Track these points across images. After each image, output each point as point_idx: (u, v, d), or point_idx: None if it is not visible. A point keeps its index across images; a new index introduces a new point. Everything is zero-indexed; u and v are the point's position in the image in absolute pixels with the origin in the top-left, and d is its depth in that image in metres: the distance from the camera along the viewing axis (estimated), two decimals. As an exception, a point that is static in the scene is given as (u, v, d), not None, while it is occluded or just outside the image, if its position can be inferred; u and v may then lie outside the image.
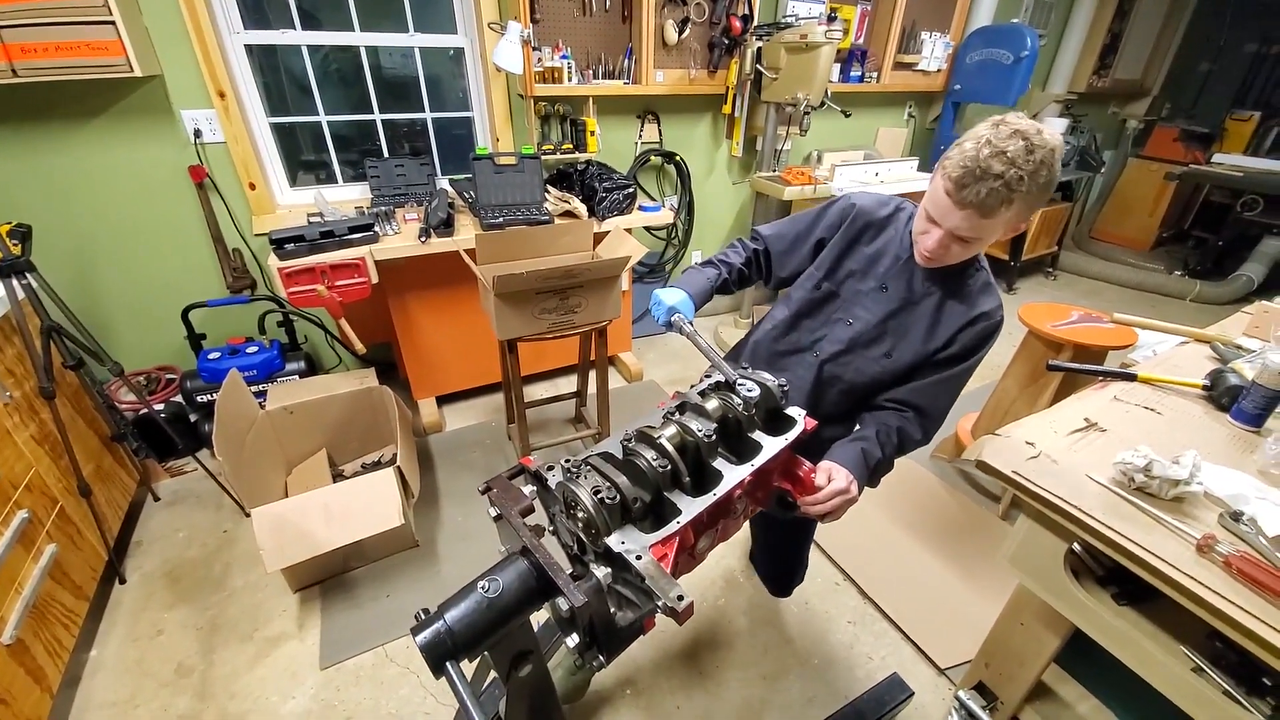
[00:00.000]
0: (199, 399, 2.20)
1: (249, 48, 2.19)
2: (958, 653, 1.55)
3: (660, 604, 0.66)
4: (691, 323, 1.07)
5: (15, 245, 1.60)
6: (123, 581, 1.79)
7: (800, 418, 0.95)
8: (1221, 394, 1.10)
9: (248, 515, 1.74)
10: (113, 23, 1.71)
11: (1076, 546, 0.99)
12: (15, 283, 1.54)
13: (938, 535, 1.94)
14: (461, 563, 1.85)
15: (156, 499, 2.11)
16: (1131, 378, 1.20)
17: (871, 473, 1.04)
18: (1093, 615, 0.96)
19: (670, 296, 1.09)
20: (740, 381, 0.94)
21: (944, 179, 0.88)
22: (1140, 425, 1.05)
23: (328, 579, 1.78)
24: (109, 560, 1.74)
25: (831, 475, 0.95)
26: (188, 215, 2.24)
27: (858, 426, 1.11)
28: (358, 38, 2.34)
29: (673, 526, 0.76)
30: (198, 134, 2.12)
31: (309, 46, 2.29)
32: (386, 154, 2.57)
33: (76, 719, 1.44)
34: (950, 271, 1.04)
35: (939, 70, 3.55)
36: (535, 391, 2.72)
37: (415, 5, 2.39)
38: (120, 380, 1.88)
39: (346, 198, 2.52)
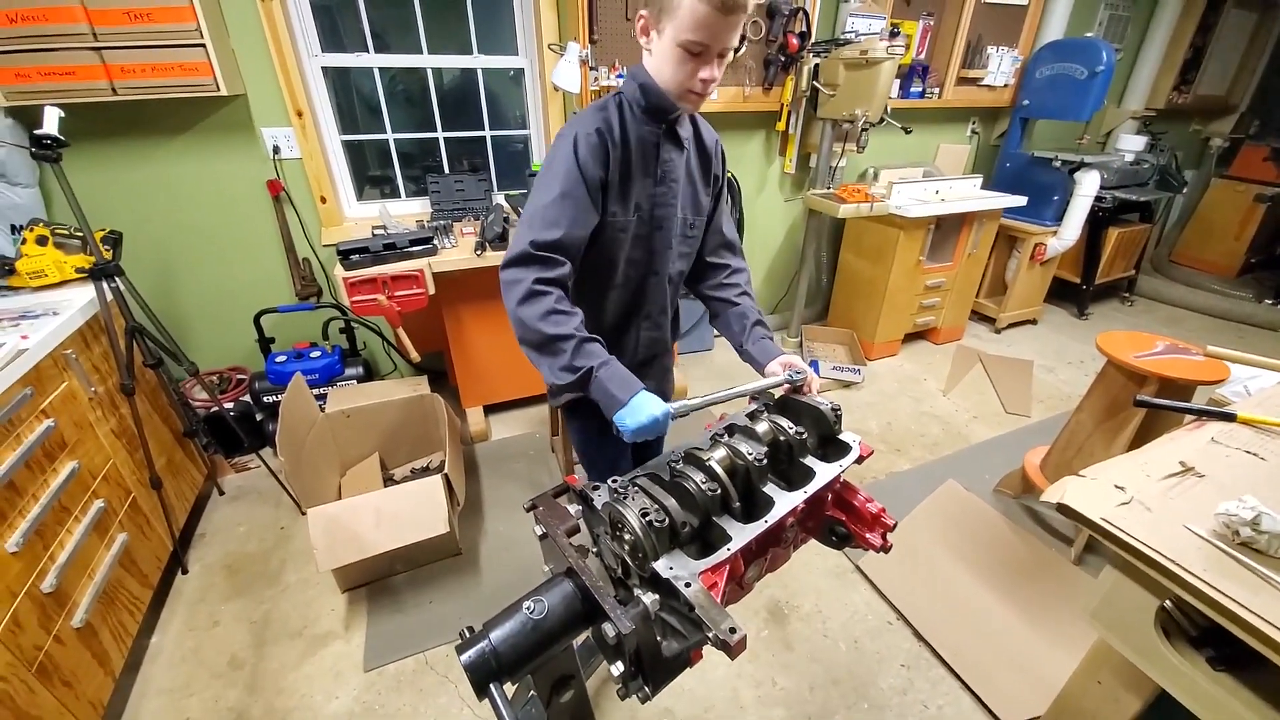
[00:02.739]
0: (265, 399, 2.30)
1: (325, 70, 2.31)
2: (1023, 707, 1.44)
3: (711, 635, 0.64)
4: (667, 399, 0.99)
5: (107, 250, 1.73)
6: (185, 572, 1.88)
7: (855, 444, 0.91)
8: (1339, 440, 0.99)
9: (304, 514, 1.79)
10: (203, 46, 1.83)
11: (1167, 602, 0.90)
12: (105, 285, 1.65)
13: (1002, 576, 1.82)
14: (502, 573, 1.86)
15: (221, 493, 2.22)
16: (1230, 418, 1.09)
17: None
18: (1185, 680, 0.87)
19: (648, 406, 0.88)
20: (797, 370, 0.98)
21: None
22: (1243, 472, 0.95)
23: (374, 581, 1.82)
24: (174, 551, 1.83)
25: (795, 364, 1.04)
26: (263, 226, 2.37)
27: (729, 305, 1.21)
28: (425, 60, 2.44)
29: (723, 553, 0.73)
30: (276, 150, 2.25)
31: (379, 68, 2.40)
32: (447, 170, 2.66)
33: (135, 703, 1.50)
34: (676, 119, 1.06)
35: (1006, 85, 3.42)
36: (580, 405, 2.72)
37: (480, 28, 2.47)
38: (194, 379, 1.99)
39: (408, 211, 2.62)
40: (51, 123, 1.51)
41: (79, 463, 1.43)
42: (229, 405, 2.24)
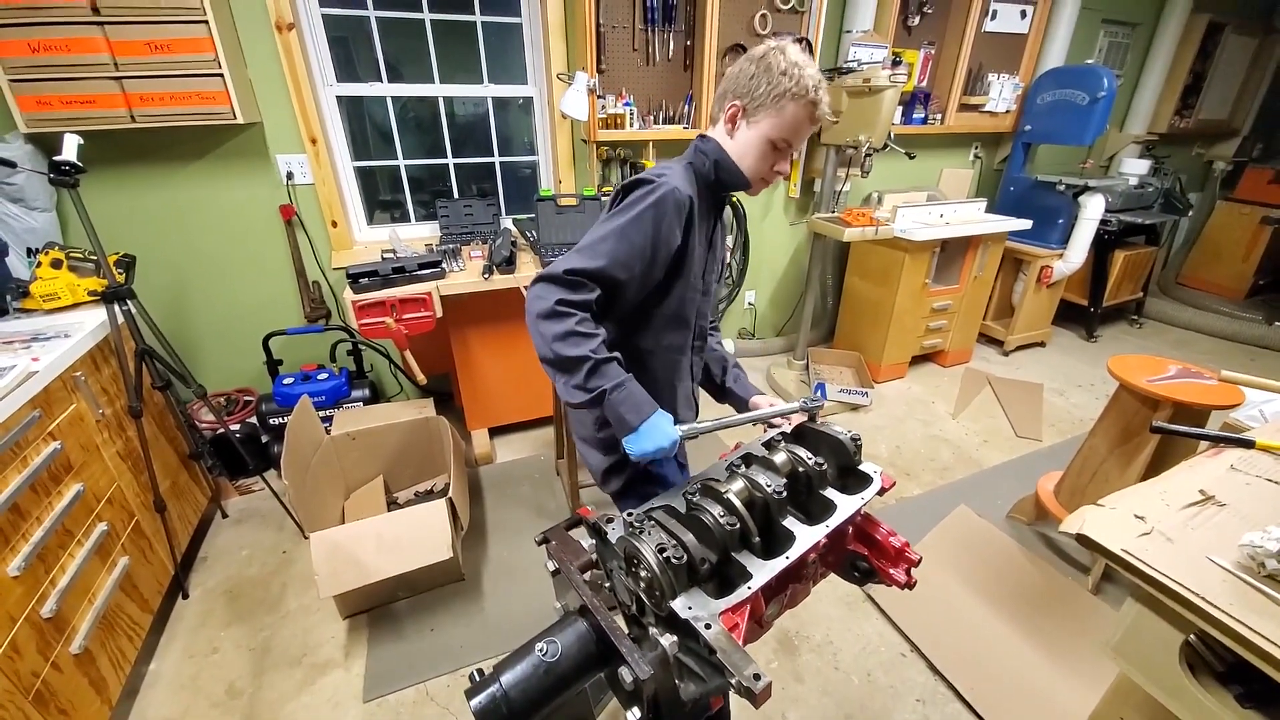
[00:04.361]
0: (272, 421, 2.30)
1: (339, 98, 2.37)
2: (1042, 743, 1.39)
3: (734, 682, 0.60)
4: (677, 422, 0.93)
5: (120, 274, 1.75)
6: (185, 596, 1.86)
7: (876, 475, 0.88)
8: (1363, 468, 0.97)
9: (306, 538, 1.78)
10: (221, 75, 1.88)
11: (1192, 637, 0.87)
12: (117, 308, 1.66)
13: (1017, 606, 1.77)
14: (505, 600, 1.83)
15: (225, 516, 2.20)
16: (1249, 444, 1.07)
17: None
18: (1212, 717, 0.84)
19: (657, 433, 0.90)
20: (814, 399, 0.95)
21: (805, 107, 0.95)
22: (1265, 500, 0.93)
23: (375, 608, 1.79)
24: (175, 575, 1.81)
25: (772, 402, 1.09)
26: (275, 250, 2.40)
27: (710, 350, 1.25)
28: (437, 89, 2.50)
29: (744, 592, 0.70)
30: (290, 176, 2.29)
31: (392, 97, 2.46)
32: (456, 195, 2.69)
33: (132, 733, 1.47)
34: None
35: (1007, 111, 3.46)
36: (585, 427, 2.71)
37: (490, 58, 2.53)
38: (202, 401, 1.99)
39: (418, 235, 2.65)
40: (71, 150, 1.54)
41: (84, 485, 1.43)
42: (235, 427, 2.24)
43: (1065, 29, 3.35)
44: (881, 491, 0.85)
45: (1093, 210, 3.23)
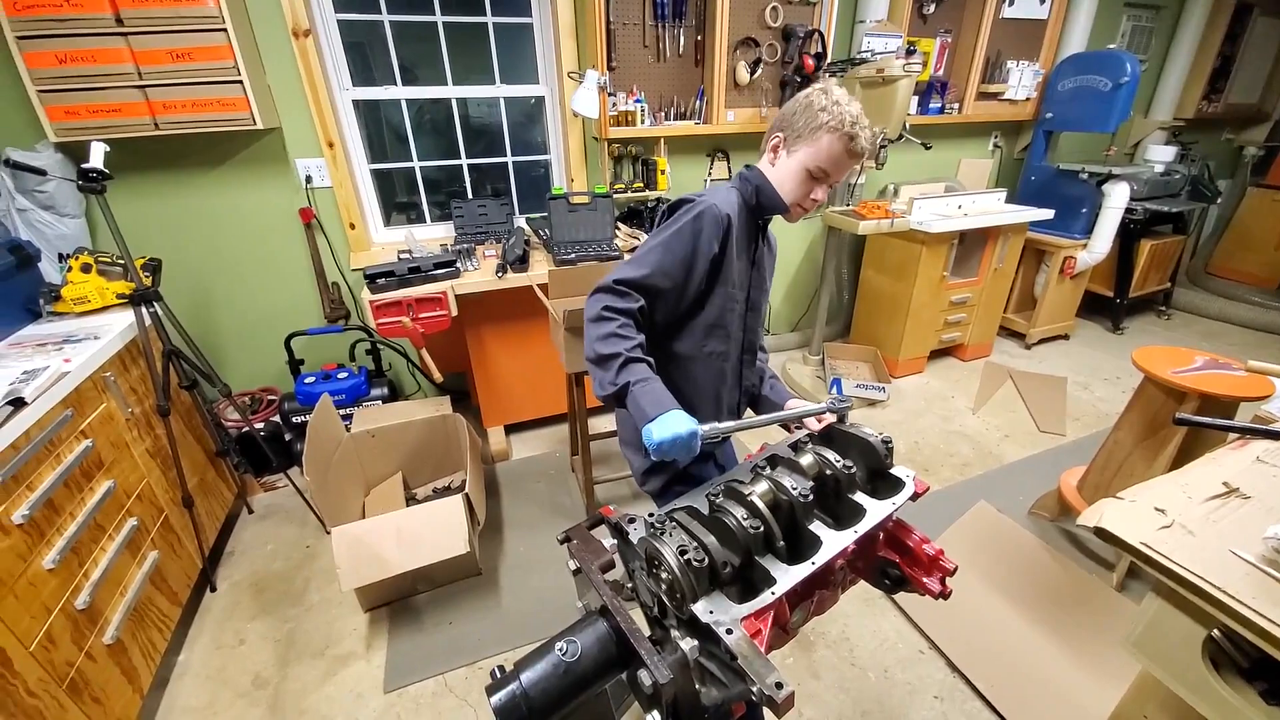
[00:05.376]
0: (294, 420, 2.36)
1: (356, 102, 2.40)
2: (1064, 741, 1.37)
3: (755, 690, 0.59)
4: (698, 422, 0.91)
5: (147, 277, 1.80)
6: (213, 589, 1.91)
7: (909, 479, 0.85)
8: (1398, 460, 0.94)
9: (328, 533, 1.82)
10: (240, 82, 1.92)
11: (1215, 632, 0.85)
12: (144, 310, 1.71)
13: (1039, 603, 1.75)
14: (521, 594, 1.85)
15: (250, 511, 2.26)
16: (1276, 436, 1.04)
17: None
18: (1237, 715, 0.82)
19: (675, 424, 0.87)
20: (843, 400, 0.93)
21: (841, 140, 1.02)
22: (1293, 492, 0.91)
23: (395, 601, 1.83)
24: (203, 569, 1.86)
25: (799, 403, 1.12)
26: (295, 252, 2.44)
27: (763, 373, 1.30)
28: (450, 91, 2.52)
29: (767, 597, 0.68)
30: (309, 180, 2.33)
31: (407, 100, 2.49)
32: (471, 195, 2.72)
33: (162, 721, 1.52)
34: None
35: (1027, 99, 3.39)
36: (599, 424, 2.72)
37: (502, 59, 2.55)
38: (227, 400, 2.04)
39: (433, 236, 2.68)
40: (97, 157, 1.59)
41: (114, 482, 1.47)
42: (259, 425, 2.29)
43: (1086, 13, 3.27)
44: (914, 497, 0.82)
45: (1117, 199, 3.15)
